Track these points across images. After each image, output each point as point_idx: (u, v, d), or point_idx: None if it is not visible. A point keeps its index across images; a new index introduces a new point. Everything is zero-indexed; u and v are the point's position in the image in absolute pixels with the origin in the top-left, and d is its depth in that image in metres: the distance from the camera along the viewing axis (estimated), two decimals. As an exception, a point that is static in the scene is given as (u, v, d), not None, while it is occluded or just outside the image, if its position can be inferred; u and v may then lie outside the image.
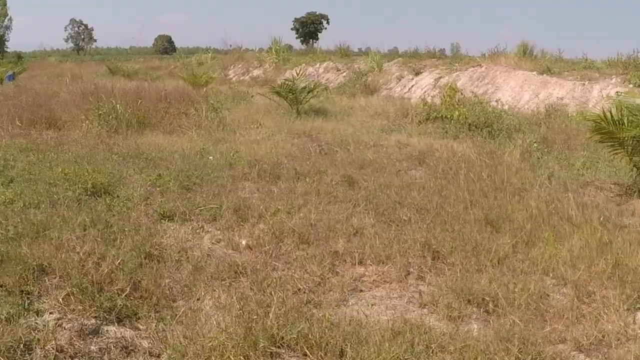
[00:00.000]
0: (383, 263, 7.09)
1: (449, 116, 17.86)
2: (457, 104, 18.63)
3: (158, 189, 9.97)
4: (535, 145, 14.38)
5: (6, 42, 78.34)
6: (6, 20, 77.36)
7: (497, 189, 10.22)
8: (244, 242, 7.49)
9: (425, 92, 28.05)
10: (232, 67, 44.95)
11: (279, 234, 7.72)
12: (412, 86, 29.86)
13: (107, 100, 16.94)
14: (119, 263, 6.35)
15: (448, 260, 7.13)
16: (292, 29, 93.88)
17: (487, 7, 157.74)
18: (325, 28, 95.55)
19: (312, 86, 21.60)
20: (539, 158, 13.29)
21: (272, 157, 12.60)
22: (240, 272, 6.62)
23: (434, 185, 10.57)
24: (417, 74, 30.55)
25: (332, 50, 41.51)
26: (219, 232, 8.12)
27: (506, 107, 21.42)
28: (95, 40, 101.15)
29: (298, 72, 22.26)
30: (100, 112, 16.26)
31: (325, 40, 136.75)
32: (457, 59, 31.94)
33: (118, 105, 16.47)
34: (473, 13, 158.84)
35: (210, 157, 12.63)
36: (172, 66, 47.86)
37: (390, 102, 24.73)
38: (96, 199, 9.26)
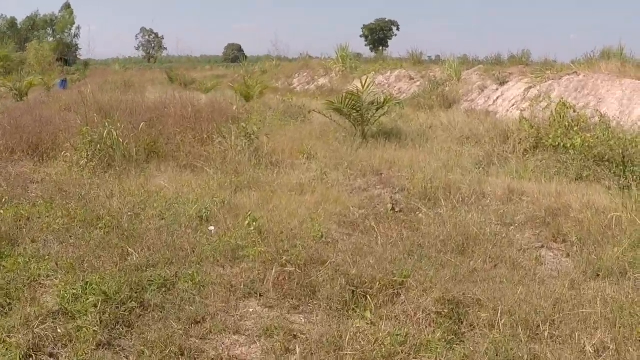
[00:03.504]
0: None
1: (569, 145, 12.09)
2: (574, 127, 12.84)
3: (63, 328, 4.65)
4: None
5: (79, 51, 74.86)
6: (74, 28, 73.81)
7: None
8: None
9: (513, 105, 22.24)
10: (296, 75, 39.45)
11: None
12: (498, 98, 23.99)
13: (112, 119, 11.77)
14: None
15: None
16: (361, 36, 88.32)
17: (551, 11, 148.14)
18: (396, 35, 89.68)
19: (382, 100, 15.82)
20: None
21: (314, 229, 7.12)
22: None
23: (613, 304, 5.03)
24: (502, 83, 24.65)
25: (404, 58, 35.60)
26: None
27: (614, 123, 15.35)
28: (165, 49, 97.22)
29: (364, 82, 16.19)
30: (89, 139, 11.08)
31: (396, 47, 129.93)
32: (548, 66, 25.71)
33: (114, 130, 11.22)
34: (537, 18, 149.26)
35: (212, 229, 7.22)
36: (236, 75, 42.74)
37: (476, 117, 18.75)
38: None
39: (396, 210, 8.48)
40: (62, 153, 11.28)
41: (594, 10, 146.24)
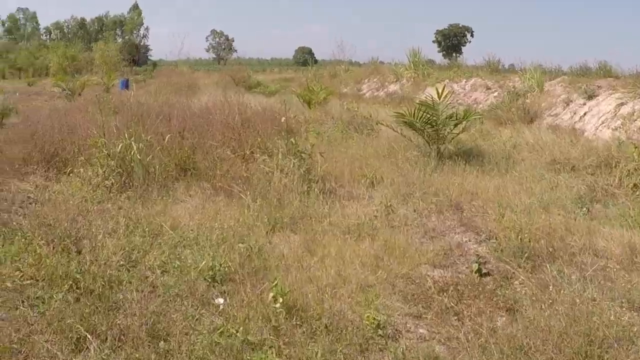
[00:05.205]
0: None
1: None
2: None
3: None
4: None
5: (150, 52, 74.51)
6: (142, 29, 73.43)
7: None
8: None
9: (603, 122, 19.36)
10: (366, 81, 36.92)
11: None
12: (585, 114, 20.95)
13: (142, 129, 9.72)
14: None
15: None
16: (433, 41, 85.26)
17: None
18: (470, 41, 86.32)
19: (461, 114, 13.16)
20: None
21: (366, 304, 4.82)
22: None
23: None
24: (590, 97, 21.67)
25: (480, 65, 32.57)
26: None
27: None
28: (235, 51, 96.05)
29: (441, 90, 13.39)
30: (107, 153, 9.03)
31: (471, 54, 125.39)
32: (644, 79, 22.63)
33: (134, 142, 9.13)
34: (619, 28, 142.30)
35: (220, 302, 4.98)
36: (304, 78, 40.63)
37: (563, 136, 16.15)
38: None
39: (483, 272, 6.14)
40: (70, 169, 9.28)
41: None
